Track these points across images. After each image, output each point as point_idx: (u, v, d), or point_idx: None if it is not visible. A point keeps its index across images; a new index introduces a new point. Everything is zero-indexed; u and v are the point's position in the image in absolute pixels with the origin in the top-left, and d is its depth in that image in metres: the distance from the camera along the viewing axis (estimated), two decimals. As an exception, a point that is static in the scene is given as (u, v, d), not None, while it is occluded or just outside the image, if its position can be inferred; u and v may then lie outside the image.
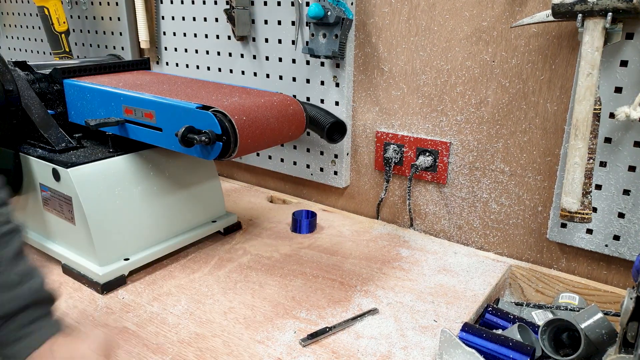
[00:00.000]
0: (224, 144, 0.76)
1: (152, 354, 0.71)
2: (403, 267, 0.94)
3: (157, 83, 0.98)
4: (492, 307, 0.83)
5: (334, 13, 1.01)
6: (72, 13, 1.60)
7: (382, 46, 1.06)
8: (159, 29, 1.40)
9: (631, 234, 0.85)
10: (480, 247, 1.04)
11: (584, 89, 0.77)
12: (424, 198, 1.10)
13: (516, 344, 0.70)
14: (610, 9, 0.73)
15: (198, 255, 0.98)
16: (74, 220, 0.85)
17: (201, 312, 0.80)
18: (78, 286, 0.87)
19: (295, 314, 0.80)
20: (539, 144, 0.92)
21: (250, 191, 1.33)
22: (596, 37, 0.75)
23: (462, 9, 0.94)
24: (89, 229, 0.83)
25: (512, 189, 0.97)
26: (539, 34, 0.87)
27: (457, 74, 0.98)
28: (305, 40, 1.13)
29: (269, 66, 1.21)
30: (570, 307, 0.85)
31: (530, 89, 0.91)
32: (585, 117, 0.77)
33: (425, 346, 0.73)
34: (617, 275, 0.90)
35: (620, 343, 0.60)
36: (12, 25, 1.87)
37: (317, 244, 1.03)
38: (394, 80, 1.06)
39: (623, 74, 0.80)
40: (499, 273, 0.93)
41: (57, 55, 1.47)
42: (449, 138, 1.02)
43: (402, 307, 0.82)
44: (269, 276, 0.90)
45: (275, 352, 0.71)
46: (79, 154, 0.89)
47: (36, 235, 0.96)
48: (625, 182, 0.84)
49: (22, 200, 0.96)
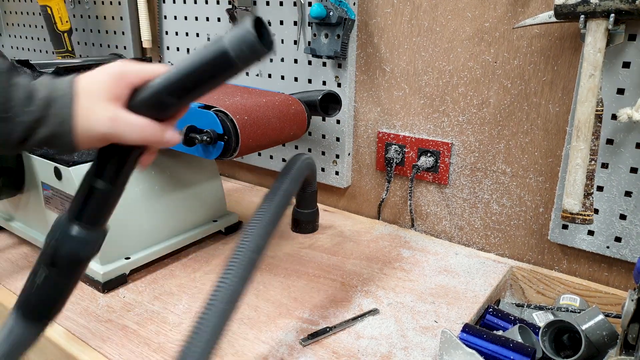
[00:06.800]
0: (225, 143, 0.76)
1: (153, 353, 0.71)
2: (404, 268, 0.94)
3: (159, 82, 0.98)
4: (492, 308, 0.83)
5: (336, 13, 1.01)
6: (74, 12, 1.61)
7: (384, 46, 1.06)
8: (162, 28, 1.41)
9: (633, 236, 0.85)
10: (482, 248, 1.04)
11: (586, 90, 0.77)
12: (425, 199, 1.09)
13: (517, 345, 0.70)
14: (612, 10, 0.73)
15: (199, 255, 0.98)
16: (75, 219, 0.85)
17: (202, 311, 0.80)
18: (79, 285, 0.86)
19: (297, 314, 0.80)
20: (540, 145, 0.92)
21: (251, 191, 1.33)
22: (599, 38, 0.75)
23: (465, 10, 0.94)
24: (90, 227, 0.83)
25: (513, 190, 0.97)
26: (542, 35, 0.87)
27: (459, 75, 0.98)
28: (308, 40, 1.13)
29: (271, 66, 1.21)
30: (571, 308, 0.85)
31: (532, 90, 0.91)
32: (587, 118, 0.77)
33: (426, 347, 0.73)
34: (618, 277, 0.90)
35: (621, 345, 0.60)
36: (14, 24, 1.87)
37: (318, 244, 1.03)
38: (396, 80, 1.06)
39: (625, 76, 0.80)
40: (500, 274, 0.93)
41: (60, 54, 1.48)
42: (451, 139, 1.02)
43: (403, 307, 0.82)
44: (271, 276, 0.91)
45: (277, 352, 0.71)
46: (81, 152, 0.89)
47: (37, 233, 0.96)
48: (627, 184, 0.84)
49: (24, 198, 0.96)
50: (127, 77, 0.48)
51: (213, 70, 0.45)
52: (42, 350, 0.78)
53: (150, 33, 1.40)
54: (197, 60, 0.45)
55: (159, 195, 0.93)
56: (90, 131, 0.47)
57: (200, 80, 0.46)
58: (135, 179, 0.90)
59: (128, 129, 0.47)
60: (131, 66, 0.48)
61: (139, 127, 0.48)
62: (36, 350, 0.80)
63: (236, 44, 0.43)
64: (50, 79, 0.48)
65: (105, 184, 0.50)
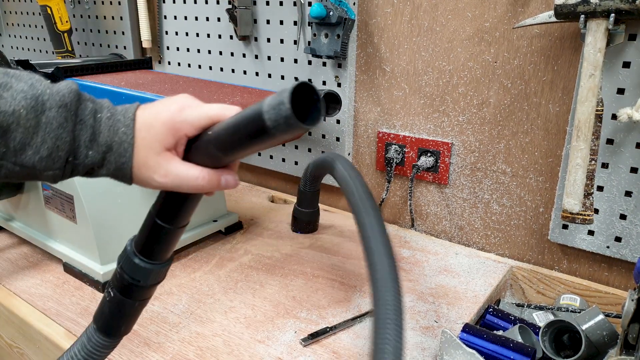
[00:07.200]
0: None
1: (153, 353, 0.71)
2: (404, 268, 0.94)
3: (159, 82, 0.98)
4: (493, 308, 0.83)
5: (336, 13, 1.01)
6: (74, 12, 1.61)
7: (384, 46, 1.06)
8: (161, 28, 1.41)
9: (633, 236, 0.85)
10: (482, 248, 1.04)
11: (586, 90, 0.77)
12: (426, 199, 1.09)
13: (517, 345, 0.70)
14: (613, 10, 0.73)
15: (199, 255, 0.98)
16: (75, 219, 0.85)
17: (202, 311, 0.80)
18: (79, 285, 0.87)
19: (296, 313, 0.80)
20: (540, 145, 0.92)
21: (251, 191, 1.33)
22: (599, 38, 0.75)
23: (465, 10, 0.94)
24: (90, 227, 0.83)
25: (513, 190, 0.97)
26: (542, 35, 0.87)
27: (459, 75, 0.98)
28: (308, 40, 1.13)
29: (271, 66, 1.21)
30: (572, 308, 0.85)
31: (533, 90, 0.91)
32: (588, 118, 0.77)
33: (426, 347, 0.73)
34: (618, 277, 0.90)
35: (622, 345, 0.60)
36: (14, 24, 1.87)
37: (318, 244, 1.03)
38: (396, 80, 1.06)
39: (625, 75, 0.80)
40: (500, 274, 0.93)
41: (60, 54, 1.47)
42: (451, 139, 1.02)
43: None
44: (269, 276, 0.91)
45: (275, 352, 0.71)
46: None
47: (37, 233, 0.96)
48: (627, 184, 0.84)
49: (24, 198, 0.96)
50: (181, 129, 0.47)
51: (251, 135, 0.43)
52: (42, 350, 0.78)
53: (150, 33, 1.40)
54: (239, 120, 0.44)
55: (159, 195, 0.93)
56: (145, 182, 0.49)
57: (241, 141, 0.44)
58: (135, 178, 0.90)
59: (181, 182, 0.48)
60: (188, 114, 0.48)
61: (192, 178, 0.48)
62: (36, 351, 0.80)
63: (272, 113, 0.40)
64: (112, 113, 0.48)
65: (164, 223, 0.52)
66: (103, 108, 0.48)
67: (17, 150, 0.43)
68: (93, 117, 0.47)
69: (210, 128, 0.47)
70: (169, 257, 0.56)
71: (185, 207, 0.52)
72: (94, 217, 0.84)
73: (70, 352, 0.57)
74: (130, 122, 0.48)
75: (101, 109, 0.48)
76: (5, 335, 0.87)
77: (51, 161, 0.45)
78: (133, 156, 0.47)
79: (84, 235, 0.86)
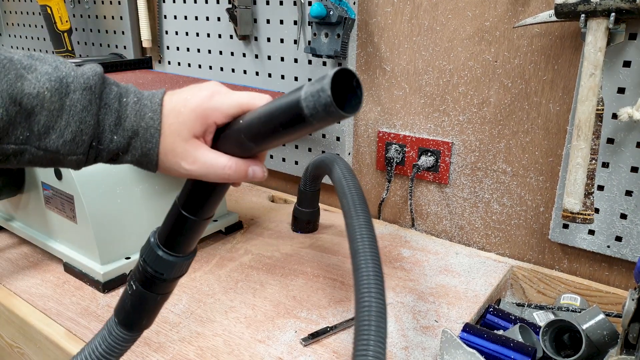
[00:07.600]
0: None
1: (153, 353, 0.71)
2: (404, 267, 0.94)
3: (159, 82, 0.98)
4: (493, 307, 0.83)
5: (336, 13, 1.01)
6: (74, 12, 1.61)
7: (384, 46, 1.05)
8: (161, 28, 1.41)
9: (633, 235, 0.85)
10: (482, 247, 1.04)
11: (587, 89, 0.77)
12: (426, 198, 1.09)
13: (517, 345, 0.70)
14: (613, 9, 0.73)
15: (199, 254, 0.98)
16: (75, 218, 0.85)
17: (202, 311, 0.80)
18: (79, 284, 0.87)
19: (296, 313, 0.80)
20: (541, 145, 0.92)
21: (251, 190, 1.33)
22: (599, 37, 0.75)
23: (465, 9, 0.94)
24: (90, 227, 0.83)
25: (514, 190, 0.97)
26: (542, 34, 0.87)
27: (460, 74, 0.98)
28: (308, 39, 1.13)
29: (271, 65, 1.21)
30: (572, 308, 0.85)
31: (533, 89, 0.90)
32: (588, 117, 0.77)
33: (427, 346, 0.73)
34: (619, 277, 0.90)
35: (622, 344, 0.60)
36: (14, 23, 1.87)
37: (318, 244, 1.03)
38: (396, 80, 1.06)
39: (626, 75, 0.80)
40: (500, 274, 0.93)
41: (60, 54, 1.47)
42: (451, 138, 1.02)
43: (403, 307, 0.82)
44: (270, 275, 0.90)
45: (276, 352, 0.71)
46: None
47: (37, 233, 0.96)
48: (627, 183, 0.84)
49: (24, 198, 0.96)
50: (211, 116, 0.46)
51: (286, 124, 0.41)
52: (42, 350, 0.78)
53: (150, 33, 1.40)
54: (273, 108, 0.42)
55: (160, 195, 0.93)
56: (171, 169, 0.48)
57: (275, 130, 0.43)
58: (136, 179, 0.90)
59: (208, 170, 0.47)
60: (218, 102, 0.46)
61: (220, 167, 0.47)
62: (37, 351, 0.80)
63: (310, 100, 0.38)
64: (139, 98, 0.47)
65: (189, 215, 0.51)
66: (129, 92, 0.47)
67: (42, 134, 0.43)
68: (118, 101, 0.46)
69: (241, 117, 0.46)
70: (192, 249, 0.55)
71: (211, 198, 0.51)
72: (94, 217, 0.84)
73: (91, 345, 0.57)
74: (157, 107, 0.47)
75: (127, 93, 0.47)
76: (6, 335, 0.87)
77: (75, 145, 0.44)
78: (160, 142, 0.46)
79: (84, 235, 0.86)
